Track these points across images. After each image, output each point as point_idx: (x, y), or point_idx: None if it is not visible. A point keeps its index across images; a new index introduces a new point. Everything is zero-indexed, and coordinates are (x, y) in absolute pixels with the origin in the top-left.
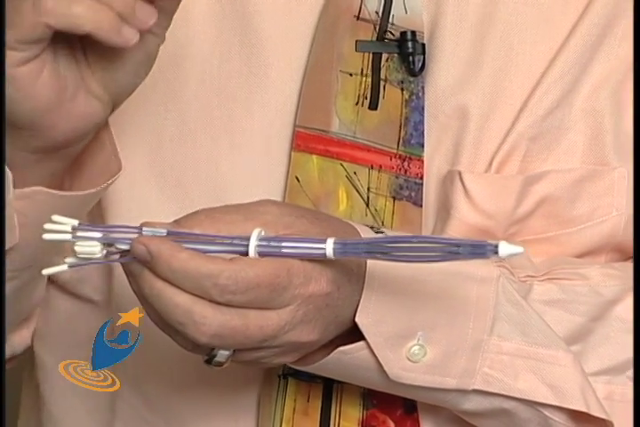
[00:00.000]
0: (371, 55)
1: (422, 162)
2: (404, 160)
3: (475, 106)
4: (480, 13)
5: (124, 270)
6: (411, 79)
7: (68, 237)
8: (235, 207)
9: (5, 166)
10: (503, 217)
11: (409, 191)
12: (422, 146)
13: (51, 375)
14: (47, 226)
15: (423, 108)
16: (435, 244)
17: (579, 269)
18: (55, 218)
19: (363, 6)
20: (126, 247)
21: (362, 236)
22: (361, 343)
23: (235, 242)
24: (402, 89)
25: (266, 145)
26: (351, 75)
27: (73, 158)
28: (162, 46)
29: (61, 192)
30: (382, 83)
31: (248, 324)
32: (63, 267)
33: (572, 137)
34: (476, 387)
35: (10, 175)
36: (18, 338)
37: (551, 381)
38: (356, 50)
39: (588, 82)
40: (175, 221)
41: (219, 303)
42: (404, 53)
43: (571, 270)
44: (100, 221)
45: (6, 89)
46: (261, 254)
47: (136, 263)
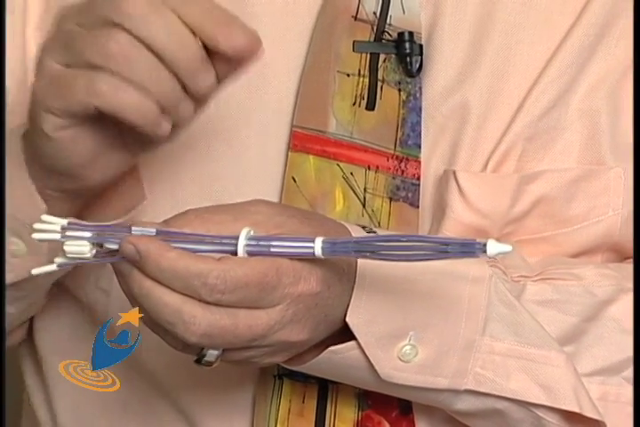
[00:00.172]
0: (368, 56)
1: (419, 163)
2: (401, 161)
3: (472, 106)
4: (478, 14)
5: (114, 270)
6: (408, 80)
7: (58, 236)
8: (225, 207)
9: (5, 167)
10: (498, 216)
11: (406, 192)
12: (419, 147)
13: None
14: (37, 226)
15: (420, 108)
16: (424, 242)
17: (573, 269)
18: (44, 217)
19: (360, 7)
20: (115, 247)
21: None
22: (351, 343)
23: (224, 241)
24: (399, 90)
25: (262, 145)
26: (348, 75)
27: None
28: None
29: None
30: (380, 83)
31: (237, 323)
32: (52, 267)
33: (569, 137)
34: (468, 387)
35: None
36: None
37: (543, 381)
38: (354, 50)
39: (585, 82)
40: (164, 220)
41: (208, 303)
42: (402, 54)
43: (565, 270)
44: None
45: (44, 146)
46: (250, 254)
47: (125, 263)
